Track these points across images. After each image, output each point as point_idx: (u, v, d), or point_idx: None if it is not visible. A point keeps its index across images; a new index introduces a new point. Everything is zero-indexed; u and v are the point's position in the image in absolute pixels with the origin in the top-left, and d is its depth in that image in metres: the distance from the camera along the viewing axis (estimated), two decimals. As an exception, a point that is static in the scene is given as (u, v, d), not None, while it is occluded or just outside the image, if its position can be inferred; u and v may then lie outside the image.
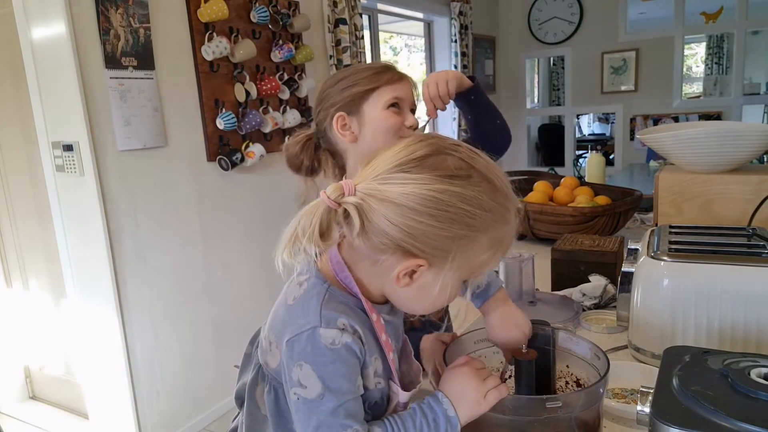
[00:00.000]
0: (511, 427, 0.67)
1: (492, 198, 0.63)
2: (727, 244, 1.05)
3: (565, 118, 5.72)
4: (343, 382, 0.65)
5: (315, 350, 0.64)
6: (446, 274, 0.64)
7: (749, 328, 0.92)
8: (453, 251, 0.63)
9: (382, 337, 0.69)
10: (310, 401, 0.64)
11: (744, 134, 1.34)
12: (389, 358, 0.70)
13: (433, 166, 0.62)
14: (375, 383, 0.69)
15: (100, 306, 2.11)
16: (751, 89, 5.69)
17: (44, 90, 2.03)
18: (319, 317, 0.65)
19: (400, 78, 1.12)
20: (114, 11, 1.99)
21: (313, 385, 0.64)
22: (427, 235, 0.61)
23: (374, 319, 0.69)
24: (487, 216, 0.63)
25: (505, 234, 0.66)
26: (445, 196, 0.61)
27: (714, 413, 0.55)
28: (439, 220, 0.61)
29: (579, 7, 5.14)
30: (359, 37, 3.20)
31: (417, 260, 0.63)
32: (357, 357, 0.66)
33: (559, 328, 0.82)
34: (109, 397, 2.19)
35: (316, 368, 0.64)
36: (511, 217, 0.66)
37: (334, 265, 0.70)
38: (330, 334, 0.64)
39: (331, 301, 0.67)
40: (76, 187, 2.03)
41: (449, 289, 0.66)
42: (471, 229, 0.62)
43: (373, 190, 0.62)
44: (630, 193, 2.07)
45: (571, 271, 1.46)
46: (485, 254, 0.65)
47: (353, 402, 0.66)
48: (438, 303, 0.68)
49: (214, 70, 2.40)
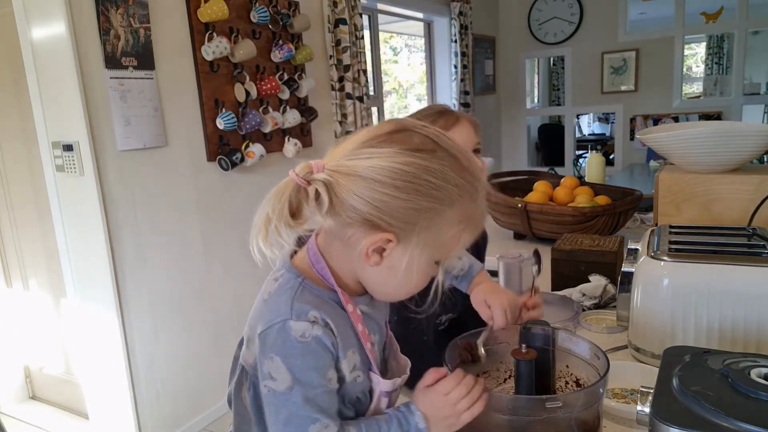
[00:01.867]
0: (511, 427, 0.67)
1: (457, 173, 0.65)
2: (727, 244, 1.05)
3: (565, 118, 5.72)
4: (314, 375, 0.65)
5: (285, 342, 0.64)
6: (414, 250, 0.65)
7: (749, 328, 0.92)
8: (419, 224, 0.64)
9: (359, 327, 0.70)
10: (280, 393, 0.65)
11: (744, 134, 1.34)
12: (366, 348, 0.70)
13: (399, 141, 0.64)
14: (354, 377, 0.69)
15: (100, 306, 2.11)
16: (751, 89, 5.69)
17: (44, 90, 2.03)
18: (290, 310, 0.66)
19: (454, 122, 1.07)
20: (114, 11, 1.99)
21: (283, 377, 0.64)
22: (393, 207, 0.62)
23: (350, 310, 0.70)
24: (452, 190, 0.64)
25: (473, 212, 0.67)
26: (411, 168, 0.62)
27: (714, 413, 0.55)
28: (405, 192, 0.62)
29: (579, 7, 5.14)
30: (359, 37, 3.20)
31: (385, 234, 0.63)
32: (329, 350, 0.66)
33: (559, 328, 0.82)
34: (109, 397, 2.19)
35: (286, 360, 0.64)
36: (479, 196, 0.67)
37: (310, 256, 0.70)
38: (300, 327, 0.64)
39: (304, 294, 0.68)
40: (76, 187, 2.03)
41: (416, 267, 0.66)
42: (437, 202, 0.63)
43: (341, 167, 0.63)
44: (630, 193, 2.07)
45: (571, 271, 1.46)
46: (453, 230, 0.66)
47: (324, 396, 0.66)
48: (409, 284, 0.69)
49: (214, 70, 2.40)
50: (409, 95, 5.17)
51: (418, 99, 5.01)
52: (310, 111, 2.92)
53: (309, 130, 2.98)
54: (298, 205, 0.63)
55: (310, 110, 2.92)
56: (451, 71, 4.57)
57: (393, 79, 4.98)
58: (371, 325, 0.74)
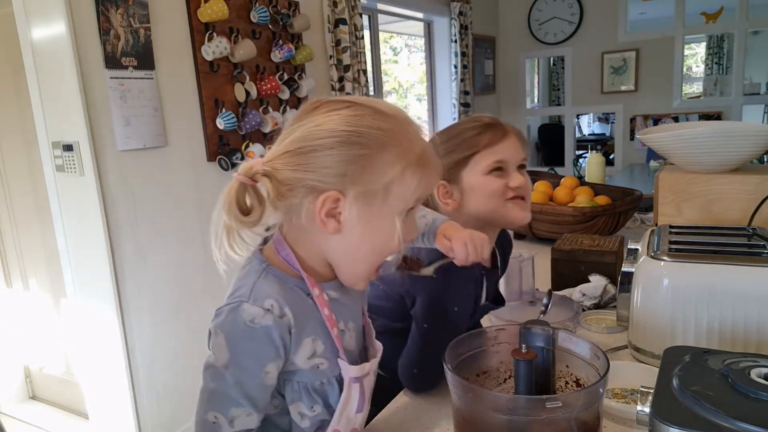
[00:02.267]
0: (511, 427, 0.66)
1: (378, 119, 0.66)
2: (727, 244, 1.05)
3: (565, 118, 5.72)
4: (251, 363, 0.66)
5: (233, 322, 0.66)
6: (361, 200, 0.66)
7: (749, 328, 0.92)
8: (354, 172, 0.65)
9: (324, 311, 0.70)
10: (215, 368, 0.67)
11: (744, 134, 1.34)
12: (333, 333, 0.70)
13: (318, 112, 0.67)
14: (314, 364, 0.70)
15: (100, 306, 2.11)
16: (751, 89, 5.69)
17: (44, 90, 2.03)
18: (249, 292, 0.67)
19: (501, 137, 1.04)
20: (114, 11, 1.99)
21: (222, 354, 0.66)
22: (323, 164, 0.64)
23: (315, 294, 0.70)
24: (376, 133, 0.65)
25: (411, 151, 0.67)
26: (330, 125, 0.65)
27: (714, 413, 0.55)
28: (329, 147, 0.64)
29: (579, 7, 5.14)
30: (359, 37, 3.20)
31: (327, 193, 0.65)
32: (274, 344, 0.66)
33: (559, 328, 0.82)
34: (109, 397, 2.19)
35: (228, 339, 0.66)
36: (413, 135, 0.69)
37: (276, 245, 0.71)
38: (252, 311, 0.65)
39: (267, 278, 0.69)
40: (76, 187, 2.03)
41: (374, 220, 0.67)
42: (364, 147, 0.65)
43: (274, 153, 0.66)
44: (630, 193, 2.06)
45: (571, 271, 1.46)
46: (394, 171, 0.66)
47: (256, 386, 0.67)
48: (375, 243, 0.69)
49: (214, 70, 2.40)
50: (409, 95, 5.17)
51: (418, 99, 5.01)
52: (310, 111, 2.92)
53: (309, 130, 2.98)
54: (245, 201, 0.65)
55: (310, 110, 2.92)
56: (451, 71, 4.57)
57: (393, 79, 4.98)
58: (341, 311, 0.74)
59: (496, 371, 0.85)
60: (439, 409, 0.96)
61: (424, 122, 4.89)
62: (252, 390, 0.67)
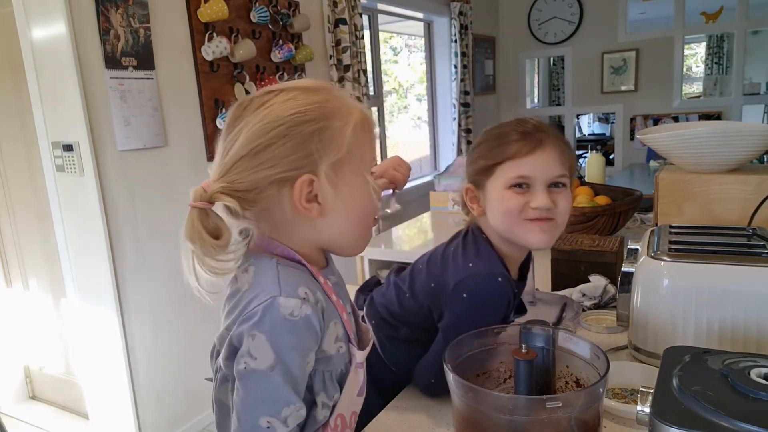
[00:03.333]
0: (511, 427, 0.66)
1: (309, 94, 0.67)
2: (727, 244, 1.05)
3: (565, 118, 5.71)
4: (296, 356, 0.63)
5: (272, 320, 0.62)
6: (332, 173, 0.66)
7: (749, 328, 0.92)
8: (315, 149, 0.65)
9: (333, 298, 0.70)
10: (260, 372, 0.62)
11: (744, 134, 1.34)
12: (343, 318, 0.71)
13: (250, 110, 0.66)
14: (337, 348, 0.70)
15: (100, 306, 2.11)
16: (751, 89, 5.68)
17: (44, 90, 2.03)
18: (278, 286, 0.64)
19: (531, 149, 0.92)
20: (114, 11, 1.99)
21: (266, 355, 0.62)
22: (284, 154, 0.64)
23: (322, 282, 0.70)
24: (316, 106, 0.66)
25: (350, 111, 0.68)
26: (271, 116, 0.65)
27: (714, 413, 0.55)
28: (283, 135, 0.64)
29: (579, 7, 5.14)
30: (359, 37, 3.20)
31: (300, 179, 0.65)
32: (315, 332, 0.65)
33: (559, 328, 0.82)
34: (109, 397, 2.19)
35: (271, 338, 0.62)
36: (345, 98, 0.69)
37: (265, 246, 0.70)
38: (290, 304, 0.63)
39: (286, 269, 0.67)
40: (76, 187, 2.03)
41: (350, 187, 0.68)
42: (313, 123, 0.65)
43: (225, 167, 0.65)
44: (630, 193, 2.06)
45: (571, 271, 1.45)
46: (346, 135, 0.67)
47: (302, 378, 0.65)
48: (361, 207, 0.69)
49: (214, 70, 2.40)
50: (409, 95, 5.17)
51: (418, 99, 5.01)
52: (310, 111, 2.92)
53: (309, 130, 2.99)
54: (211, 225, 0.64)
55: (310, 110, 2.92)
56: (451, 71, 4.57)
57: (393, 79, 4.97)
58: (342, 295, 0.75)
59: (497, 371, 0.85)
60: (440, 409, 0.96)
61: (424, 122, 4.89)
62: (299, 384, 0.65)
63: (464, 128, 4.66)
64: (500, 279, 0.93)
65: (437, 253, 1.04)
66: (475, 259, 0.96)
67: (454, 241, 1.03)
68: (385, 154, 4.15)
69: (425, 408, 0.97)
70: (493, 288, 0.92)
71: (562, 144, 0.95)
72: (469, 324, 0.93)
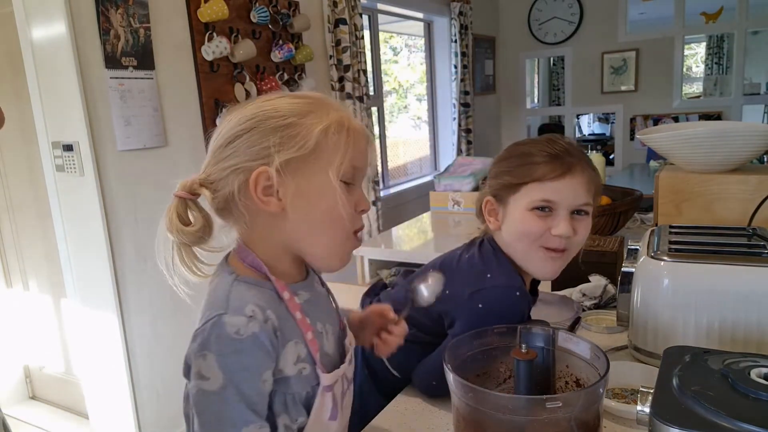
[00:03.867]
0: (511, 427, 0.66)
1: (294, 98, 0.69)
2: (727, 244, 1.05)
3: (565, 118, 5.72)
4: (248, 375, 0.62)
5: (219, 339, 0.62)
6: (298, 170, 0.66)
7: (749, 328, 0.92)
8: (274, 143, 0.65)
9: (297, 315, 0.68)
10: (212, 393, 0.61)
11: (744, 134, 1.34)
12: (307, 338, 0.68)
13: (232, 111, 0.70)
14: (299, 369, 0.67)
15: (99, 306, 2.11)
16: (751, 89, 5.68)
17: (44, 90, 2.03)
18: (226, 303, 0.64)
19: (561, 174, 0.89)
20: (114, 11, 1.99)
21: (216, 376, 0.61)
22: (245, 146, 0.66)
23: (286, 298, 0.68)
24: (293, 106, 0.67)
25: (328, 114, 0.68)
26: (244, 114, 0.68)
27: (714, 413, 0.55)
28: (248, 129, 0.66)
29: (579, 7, 5.14)
30: (359, 37, 3.20)
31: (256, 171, 0.65)
32: (266, 350, 0.63)
33: (559, 329, 0.82)
34: (109, 397, 2.19)
35: (219, 358, 0.61)
36: (331, 106, 0.70)
37: (239, 254, 0.70)
38: (235, 322, 0.62)
39: (240, 285, 0.67)
40: (76, 187, 2.03)
41: (316, 187, 0.66)
42: (281, 119, 0.66)
43: (205, 164, 0.71)
44: (630, 193, 2.06)
45: (571, 271, 1.45)
46: (317, 129, 0.66)
47: (259, 397, 0.63)
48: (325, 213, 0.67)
49: (214, 70, 2.40)
50: (409, 95, 5.17)
51: (418, 99, 5.01)
52: (310, 111, 2.92)
53: (309, 130, 2.98)
54: (185, 215, 0.68)
55: (310, 110, 2.92)
56: (451, 71, 4.57)
57: (393, 79, 4.97)
58: (316, 313, 0.72)
59: (497, 371, 0.85)
60: (439, 409, 0.96)
61: (424, 122, 4.89)
62: (257, 403, 0.63)
63: (464, 128, 4.66)
64: (518, 293, 0.92)
65: (452, 259, 1.02)
66: (493, 269, 0.95)
67: (471, 249, 1.01)
68: (385, 154, 4.15)
69: (425, 408, 0.97)
70: (510, 301, 0.92)
71: (591, 171, 0.92)
72: None
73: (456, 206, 2.65)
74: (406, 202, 4.09)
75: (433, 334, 1.00)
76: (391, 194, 4.00)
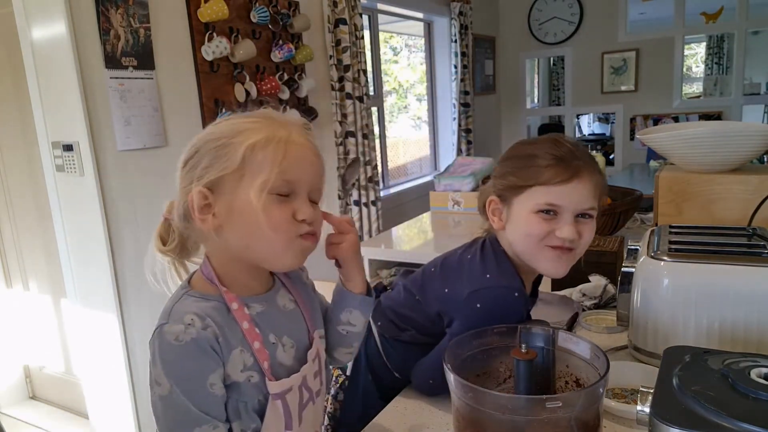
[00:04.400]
0: (511, 427, 0.66)
1: (236, 119, 0.72)
2: (727, 244, 1.05)
3: (565, 118, 5.71)
4: (193, 379, 0.66)
5: (162, 347, 0.66)
6: (228, 187, 0.69)
7: (749, 328, 0.92)
8: (206, 164, 0.69)
9: (244, 324, 0.70)
10: (164, 398, 0.66)
11: (744, 134, 1.34)
12: (254, 347, 0.70)
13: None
14: (246, 377, 0.70)
15: (100, 306, 2.11)
16: (751, 89, 5.68)
17: (44, 90, 2.03)
18: (168, 314, 0.68)
19: (567, 178, 0.89)
20: (114, 11, 1.99)
21: (163, 381, 0.66)
22: (190, 167, 0.71)
23: (234, 308, 0.71)
24: (230, 127, 0.70)
25: (261, 131, 0.69)
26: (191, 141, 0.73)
27: (714, 413, 0.55)
28: (194, 152, 0.71)
29: (579, 7, 5.14)
30: (359, 37, 3.20)
31: (192, 192, 0.69)
32: (208, 353, 0.66)
33: (560, 328, 0.82)
34: (109, 397, 2.19)
35: (164, 365, 0.66)
36: (272, 123, 0.71)
37: (201, 266, 0.74)
38: (174, 329, 0.66)
39: (185, 300, 0.70)
40: (76, 187, 2.03)
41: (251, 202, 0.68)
42: (216, 140, 0.69)
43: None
44: (630, 193, 2.06)
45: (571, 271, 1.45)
46: (244, 146, 0.68)
47: (208, 399, 0.67)
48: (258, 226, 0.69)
49: (214, 70, 2.40)
50: (409, 95, 5.17)
51: (418, 99, 5.01)
52: (310, 111, 2.92)
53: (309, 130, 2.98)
54: (166, 234, 0.75)
55: (310, 110, 2.92)
56: (451, 71, 4.57)
57: (393, 79, 4.97)
58: (272, 324, 0.74)
59: (497, 371, 0.85)
60: (439, 409, 0.96)
61: (424, 122, 4.89)
62: (208, 405, 0.67)
63: (464, 128, 4.66)
64: (516, 294, 0.92)
65: (452, 259, 1.03)
66: (493, 270, 0.95)
67: (472, 249, 1.02)
68: (385, 154, 4.15)
69: (425, 408, 0.97)
70: (508, 302, 0.92)
71: (597, 174, 0.92)
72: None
73: (456, 206, 2.65)
74: (406, 202, 4.09)
75: (432, 335, 1.00)
76: (391, 194, 4.00)
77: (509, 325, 0.83)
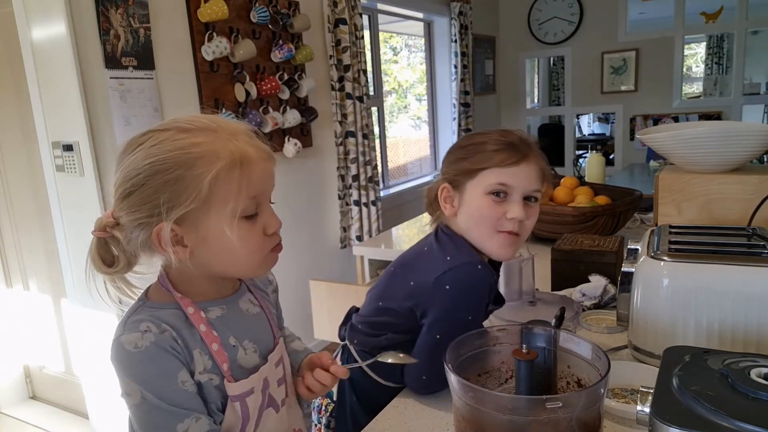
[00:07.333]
0: (512, 427, 0.66)
1: (178, 138, 0.67)
2: (727, 244, 1.05)
3: (565, 118, 5.72)
4: (161, 381, 0.66)
5: (122, 357, 0.66)
6: (195, 220, 0.67)
7: (749, 328, 0.92)
8: (165, 200, 0.65)
9: (201, 328, 0.71)
10: (137, 405, 0.67)
11: (744, 134, 1.34)
12: (212, 349, 0.71)
13: (128, 151, 0.69)
14: (207, 378, 0.70)
15: (100, 306, 2.10)
16: (751, 89, 5.68)
17: (44, 90, 2.03)
18: (123, 327, 0.69)
19: (517, 160, 0.95)
20: (114, 11, 1.99)
21: (134, 389, 0.66)
22: (142, 201, 0.66)
23: (190, 312, 0.71)
24: (178, 153, 0.65)
25: (218, 156, 0.66)
26: (134, 164, 0.67)
27: (714, 413, 0.55)
28: (140, 184, 0.66)
29: (579, 7, 5.14)
30: (359, 37, 3.20)
31: (156, 226, 0.66)
32: (171, 353, 0.67)
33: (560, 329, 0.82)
34: (109, 397, 2.19)
35: (130, 374, 0.66)
36: (220, 140, 0.67)
37: (159, 278, 0.74)
38: (131, 338, 0.66)
39: (140, 311, 0.71)
40: (76, 187, 2.03)
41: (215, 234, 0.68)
42: (168, 173, 0.65)
43: (113, 205, 0.70)
44: (630, 193, 2.06)
45: (571, 271, 1.45)
46: (207, 180, 0.65)
47: (182, 395, 0.67)
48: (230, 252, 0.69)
49: (214, 70, 2.40)
50: (409, 95, 5.17)
51: (418, 99, 5.01)
52: (310, 111, 2.92)
53: (309, 130, 2.98)
54: (115, 255, 0.72)
55: (310, 110, 2.92)
56: (451, 71, 4.57)
57: (393, 79, 4.97)
58: (232, 327, 0.74)
59: (498, 371, 0.85)
60: (440, 409, 0.96)
61: (424, 122, 4.89)
62: (182, 401, 0.67)
63: (464, 128, 4.66)
64: (480, 266, 0.95)
65: (409, 254, 1.07)
66: (452, 251, 0.98)
67: (426, 240, 1.06)
68: (385, 154, 4.15)
69: (425, 408, 0.97)
70: (474, 275, 0.95)
71: (544, 161, 1.00)
72: (455, 314, 0.95)
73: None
74: (405, 202, 4.09)
75: (409, 332, 1.01)
76: (390, 194, 4.00)
77: (510, 325, 0.83)
